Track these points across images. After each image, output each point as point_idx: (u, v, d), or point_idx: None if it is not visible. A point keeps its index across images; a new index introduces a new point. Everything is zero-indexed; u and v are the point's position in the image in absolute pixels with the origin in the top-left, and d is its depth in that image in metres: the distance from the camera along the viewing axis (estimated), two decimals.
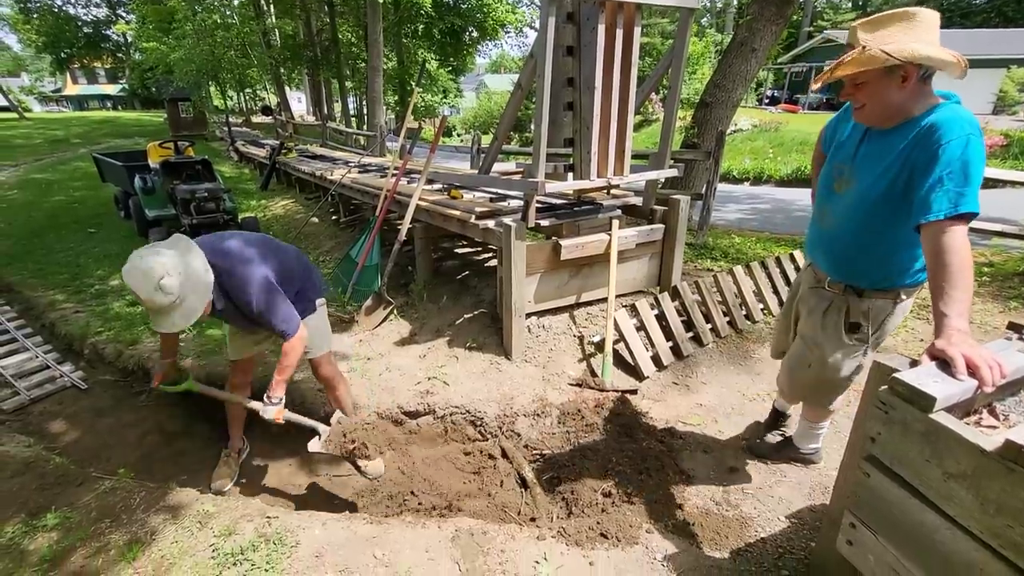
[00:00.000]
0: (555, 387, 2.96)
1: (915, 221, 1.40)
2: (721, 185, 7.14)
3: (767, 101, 22.50)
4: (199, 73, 18.76)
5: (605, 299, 3.35)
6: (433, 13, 18.50)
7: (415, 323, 3.84)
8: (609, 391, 2.89)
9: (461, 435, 2.82)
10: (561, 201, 3.61)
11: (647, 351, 3.09)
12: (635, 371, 3.04)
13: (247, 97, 26.43)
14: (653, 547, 1.92)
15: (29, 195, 9.72)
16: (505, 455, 2.63)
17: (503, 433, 2.74)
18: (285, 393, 2.14)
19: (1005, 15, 25.83)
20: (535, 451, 2.62)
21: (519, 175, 4.41)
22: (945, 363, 1.19)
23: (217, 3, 19.22)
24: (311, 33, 20.79)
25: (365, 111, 17.40)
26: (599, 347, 3.17)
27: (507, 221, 2.97)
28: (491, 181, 3.58)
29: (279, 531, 2.00)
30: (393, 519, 2.19)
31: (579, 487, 2.33)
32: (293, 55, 21.22)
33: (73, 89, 49.78)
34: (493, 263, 4.54)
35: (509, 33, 21.60)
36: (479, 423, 2.81)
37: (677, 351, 3.18)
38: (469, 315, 3.69)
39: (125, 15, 35.85)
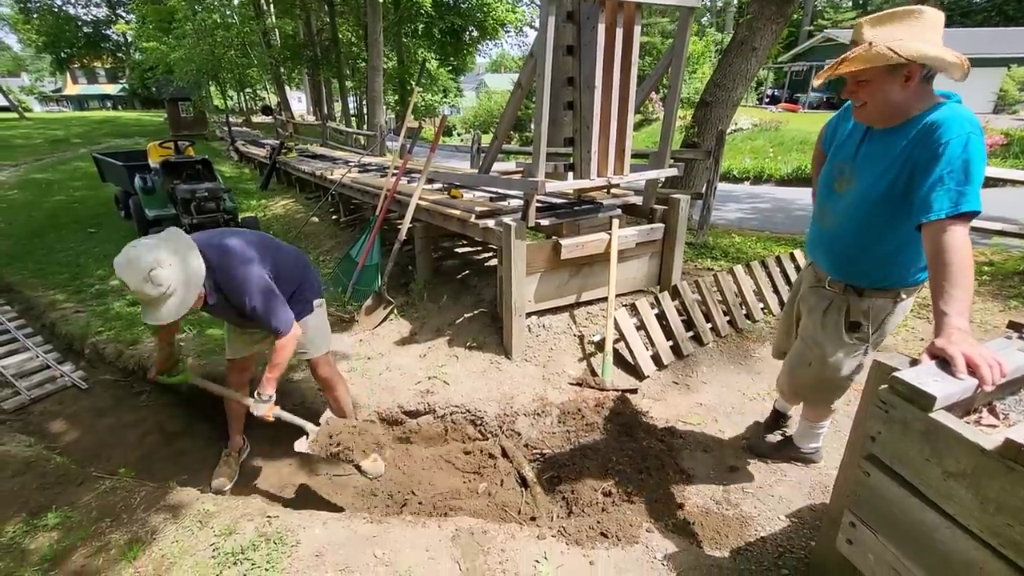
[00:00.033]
0: (555, 386, 2.96)
1: (916, 220, 1.40)
2: (721, 184, 7.14)
3: (767, 100, 22.47)
4: (199, 73, 18.75)
5: (605, 298, 3.35)
6: (433, 12, 18.49)
7: (415, 322, 3.84)
8: (609, 390, 2.89)
9: (461, 434, 2.82)
10: (561, 200, 3.61)
11: (647, 350, 3.09)
12: (635, 370, 3.04)
13: (247, 97, 26.41)
14: (653, 546, 1.92)
15: (29, 195, 9.73)
16: (505, 454, 2.63)
17: (503, 432, 2.74)
18: (279, 391, 2.14)
19: (1006, 14, 25.81)
20: (535, 450, 2.62)
21: (519, 174, 4.41)
22: (945, 362, 1.19)
23: (217, 3, 19.22)
24: (311, 33, 20.78)
25: (365, 111, 17.39)
26: (599, 346, 3.17)
27: (507, 220, 2.97)
28: (491, 180, 3.58)
29: (279, 530, 2.01)
30: (393, 518, 2.19)
31: (579, 486, 2.33)
32: (293, 55, 21.21)
33: (73, 89, 49.78)
34: (493, 262, 4.54)
35: (509, 32, 21.60)
36: (479, 422, 2.81)
37: (677, 350, 3.18)
38: (469, 314, 3.69)
39: (125, 15, 35.85)
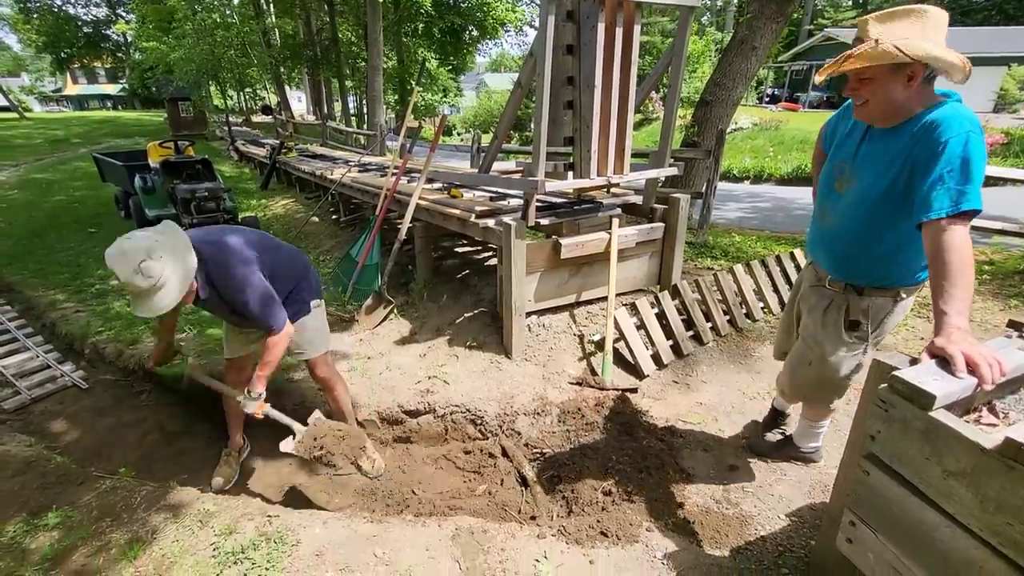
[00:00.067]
0: (555, 386, 2.96)
1: (916, 220, 1.40)
2: (721, 184, 7.13)
3: (767, 99, 22.43)
4: (199, 72, 18.76)
5: (605, 298, 3.35)
6: (433, 12, 18.49)
7: (415, 322, 3.84)
8: (609, 390, 2.89)
9: (461, 434, 2.82)
10: (561, 200, 3.61)
11: (647, 350, 3.09)
12: (635, 370, 3.04)
13: (247, 96, 26.42)
14: (653, 545, 1.92)
15: (30, 195, 9.73)
16: (505, 454, 2.63)
17: (503, 432, 2.74)
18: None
19: (1006, 13, 25.77)
20: (535, 450, 2.62)
21: (519, 174, 4.41)
22: (945, 361, 1.20)
23: (217, 2, 19.22)
24: (311, 32, 20.78)
25: (365, 110, 17.39)
26: (599, 346, 3.17)
27: (507, 220, 2.97)
28: (491, 180, 3.58)
29: (280, 530, 2.01)
30: (393, 518, 2.19)
31: (579, 485, 2.33)
32: (293, 54, 21.22)
33: (73, 89, 49.79)
34: (493, 262, 4.54)
35: (509, 32, 21.58)
36: (479, 422, 2.81)
37: (677, 350, 3.18)
38: (469, 314, 3.69)
39: (125, 15, 35.85)
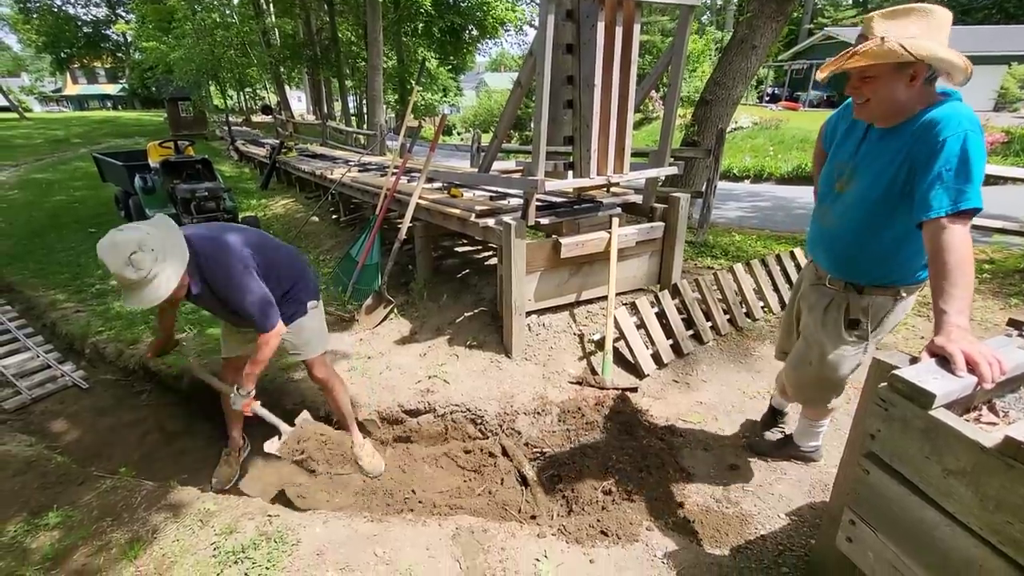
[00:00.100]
0: (555, 385, 2.97)
1: (916, 219, 1.40)
2: (721, 183, 7.13)
3: (767, 99, 22.43)
4: (199, 72, 18.76)
5: (605, 297, 3.35)
6: (433, 11, 18.48)
7: (415, 322, 3.84)
8: (609, 389, 2.89)
9: (462, 433, 2.82)
10: (561, 199, 3.61)
11: (647, 349, 3.09)
12: (635, 369, 3.04)
13: (247, 96, 26.41)
14: (653, 544, 1.92)
15: (30, 195, 9.74)
16: (505, 453, 2.63)
17: (503, 431, 2.75)
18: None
19: (1007, 11, 25.73)
20: (535, 449, 2.62)
21: (519, 173, 4.40)
22: (945, 360, 1.19)
23: (216, 2, 19.23)
24: (311, 32, 20.77)
25: (365, 110, 17.39)
26: (599, 345, 3.17)
27: (507, 219, 2.97)
28: (491, 179, 3.58)
29: (280, 529, 2.01)
30: (394, 517, 2.20)
31: (579, 485, 2.33)
32: (293, 54, 21.20)
33: (73, 89, 49.79)
34: (493, 261, 4.54)
35: (509, 31, 21.56)
36: (479, 421, 2.82)
37: (677, 349, 3.18)
38: (469, 313, 3.69)
39: (125, 15, 35.85)
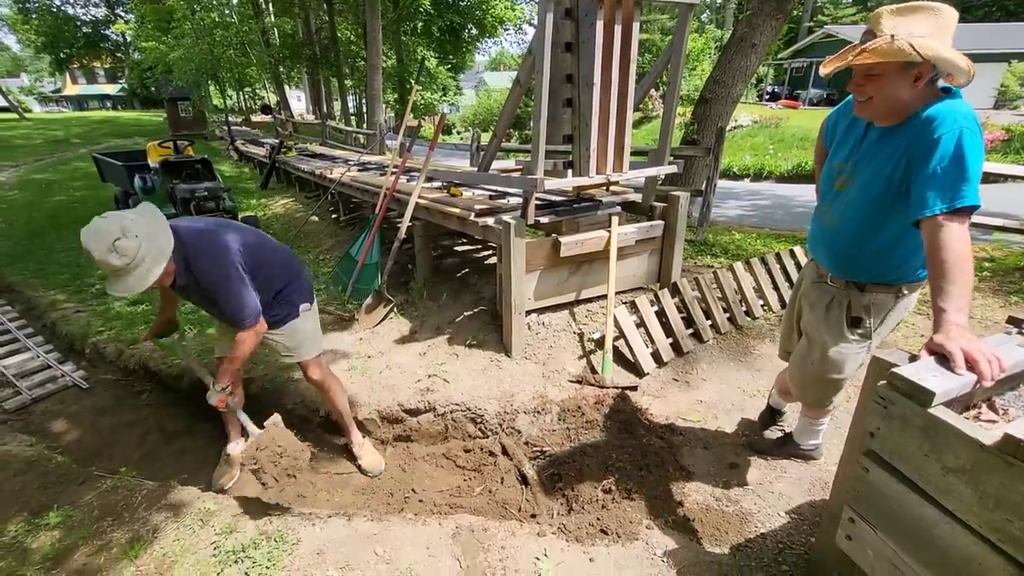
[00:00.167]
0: (555, 384, 2.97)
1: (912, 217, 1.40)
2: (721, 181, 7.13)
3: (767, 97, 22.42)
4: (198, 72, 18.77)
5: (605, 296, 3.35)
6: (432, 10, 18.49)
7: (415, 321, 3.84)
8: (609, 388, 2.89)
9: (462, 432, 2.83)
10: (560, 198, 3.60)
11: (647, 348, 3.09)
12: (635, 368, 3.04)
13: (246, 96, 26.42)
14: (653, 543, 1.92)
15: (29, 195, 9.74)
16: (505, 452, 2.64)
17: (503, 430, 2.75)
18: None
19: (1007, 9, 25.71)
20: (535, 448, 2.62)
21: (518, 172, 4.40)
22: (944, 358, 1.19)
23: (216, 2, 19.23)
24: (310, 31, 20.76)
25: (364, 109, 17.39)
26: (599, 344, 3.17)
27: (506, 218, 2.97)
28: (490, 178, 3.57)
29: (280, 529, 2.01)
30: (394, 516, 2.19)
31: (579, 483, 2.33)
32: (292, 54, 21.21)
33: (73, 89, 49.80)
34: (493, 260, 4.54)
35: (508, 30, 21.57)
36: (479, 420, 2.82)
37: (677, 348, 3.18)
38: (469, 313, 3.69)
39: (124, 15, 35.84)
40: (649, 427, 2.62)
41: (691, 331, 3.26)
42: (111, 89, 48.06)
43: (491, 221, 3.28)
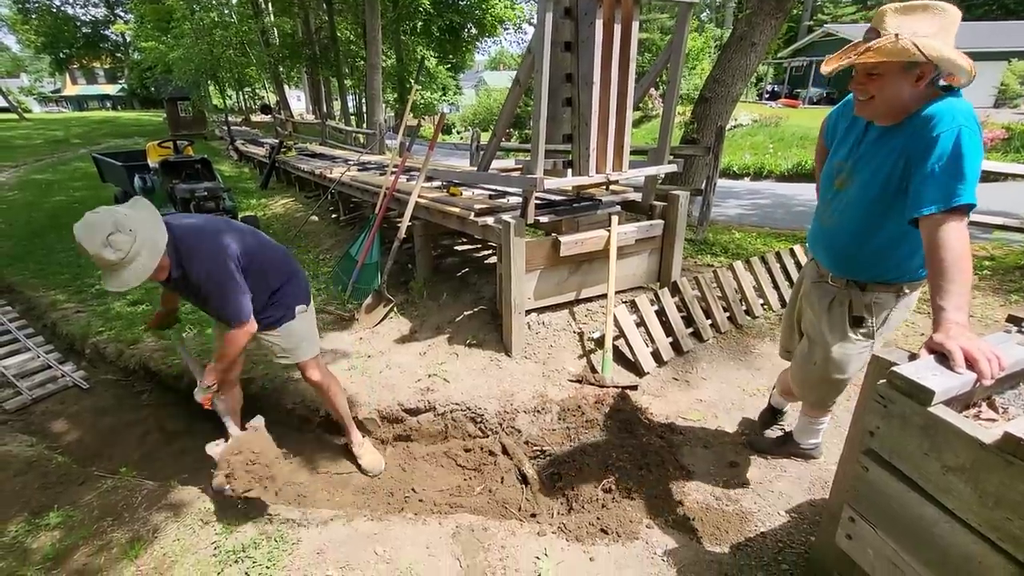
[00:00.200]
0: (555, 383, 2.97)
1: (909, 215, 1.40)
2: (721, 181, 7.13)
3: (767, 96, 22.41)
4: (198, 72, 18.79)
5: (605, 295, 3.35)
6: (432, 10, 18.48)
7: (415, 320, 3.84)
8: (609, 387, 2.89)
9: (462, 432, 2.83)
10: (560, 197, 3.60)
11: (647, 347, 3.09)
12: (635, 367, 3.04)
13: (246, 96, 26.43)
14: (653, 542, 1.92)
15: (29, 195, 9.74)
16: (505, 451, 2.64)
17: (503, 429, 2.75)
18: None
19: (1007, 7, 25.67)
20: (535, 447, 2.62)
21: (518, 172, 4.40)
22: (944, 357, 1.19)
23: (215, 2, 19.23)
24: (310, 31, 20.76)
25: (364, 109, 17.39)
26: (599, 343, 3.17)
27: (506, 218, 2.97)
28: (490, 178, 3.57)
29: (280, 528, 2.01)
30: (394, 516, 2.20)
31: (579, 483, 2.33)
32: (292, 53, 21.21)
33: (72, 89, 49.81)
34: (492, 260, 4.54)
35: (508, 30, 21.58)
36: (479, 420, 2.82)
37: (677, 347, 3.18)
38: (469, 312, 3.69)
39: (123, 15, 35.84)
40: (649, 426, 2.62)
41: (691, 330, 3.26)
42: (111, 89, 48.09)
43: (491, 220, 3.28)
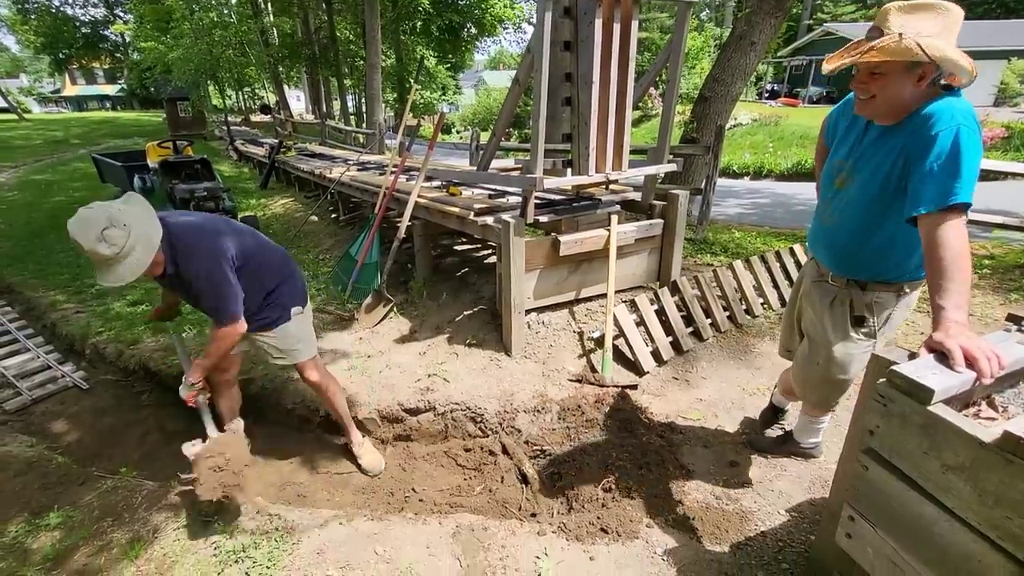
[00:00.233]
0: (555, 383, 2.97)
1: (907, 214, 1.40)
2: (721, 180, 7.14)
3: (767, 95, 22.41)
4: (197, 72, 18.78)
5: (604, 295, 3.35)
6: (431, 9, 18.49)
7: (415, 320, 3.84)
8: (609, 386, 2.89)
9: (462, 431, 2.83)
10: (560, 197, 3.60)
11: (647, 346, 3.09)
12: (635, 366, 3.04)
13: (246, 96, 26.42)
14: (653, 541, 1.92)
15: (29, 196, 9.73)
16: (505, 451, 2.64)
17: (503, 429, 2.75)
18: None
19: (1007, 6, 25.66)
20: (535, 447, 2.62)
21: (517, 171, 4.40)
22: (943, 356, 1.19)
23: (214, 2, 19.22)
24: (309, 31, 20.75)
25: (364, 109, 17.39)
26: (599, 343, 3.17)
27: (506, 217, 2.97)
28: (489, 177, 3.57)
29: (280, 528, 2.01)
30: (394, 515, 2.20)
31: (579, 482, 2.33)
32: (291, 53, 21.20)
33: (72, 90, 49.81)
34: (492, 260, 4.54)
35: (507, 29, 21.59)
36: (479, 419, 2.82)
37: (677, 346, 3.18)
38: (469, 312, 3.69)
39: (123, 15, 35.83)
40: (649, 426, 2.62)
41: (691, 329, 3.26)
42: (110, 89, 48.09)
43: (490, 220, 3.28)
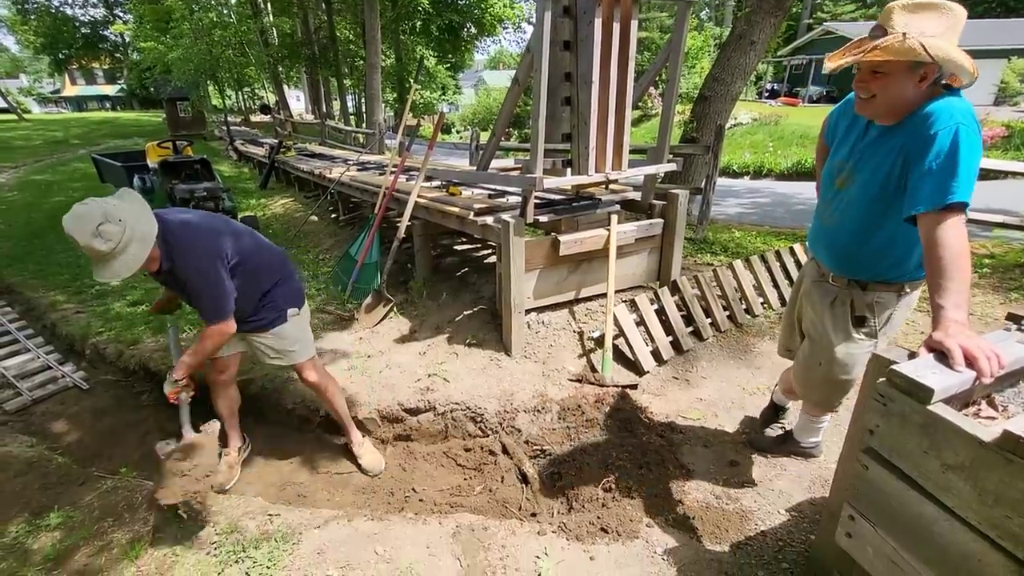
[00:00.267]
0: (555, 383, 2.97)
1: (905, 213, 1.40)
2: (721, 179, 7.13)
3: (767, 94, 22.39)
4: (197, 72, 18.78)
5: (604, 294, 3.35)
6: (431, 9, 18.48)
7: (415, 320, 3.84)
8: (609, 386, 2.89)
9: (462, 431, 2.83)
10: (559, 196, 3.60)
11: (647, 346, 3.09)
12: (635, 366, 3.04)
13: (245, 96, 26.40)
14: (653, 541, 1.92)
15: (29, 196, 9.73)
16: (506, 451, 2.64)
17: (503, 429, 2.75)
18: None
19: (1007, 5, 25.65)
20: (535, 447, 2.62)
21: (517, 171, 4.40)
22: (943, 355, 1.19)
23: (214, 2, 19.21)
24: (309, 31, 20.75)
25: (364, 109, 17.39)
26: (599, 342, 3.17)
27: (505, 217, 2.97)
28: (489, 177, 3.57)
29: (281, 528, 2.01)
30: (394, 515, 2.20)
31: (579, 482, 2.33)
32: (291, 53, 21.20)
33: (72, 90, 49.81)
34: (492, 259, 4.54)
35: (507, 29, 21.59)
36: (479, 419, 2.82)
37: (677, 346, 3.18)
38: (469, 312, 3.69)
39: (122, 15, 35.83)
40: (649, 425, 2.62)
41: (691, 329, 3.26)
42: (110, 90, 48.09)
43: (490, 220, 3.28)
